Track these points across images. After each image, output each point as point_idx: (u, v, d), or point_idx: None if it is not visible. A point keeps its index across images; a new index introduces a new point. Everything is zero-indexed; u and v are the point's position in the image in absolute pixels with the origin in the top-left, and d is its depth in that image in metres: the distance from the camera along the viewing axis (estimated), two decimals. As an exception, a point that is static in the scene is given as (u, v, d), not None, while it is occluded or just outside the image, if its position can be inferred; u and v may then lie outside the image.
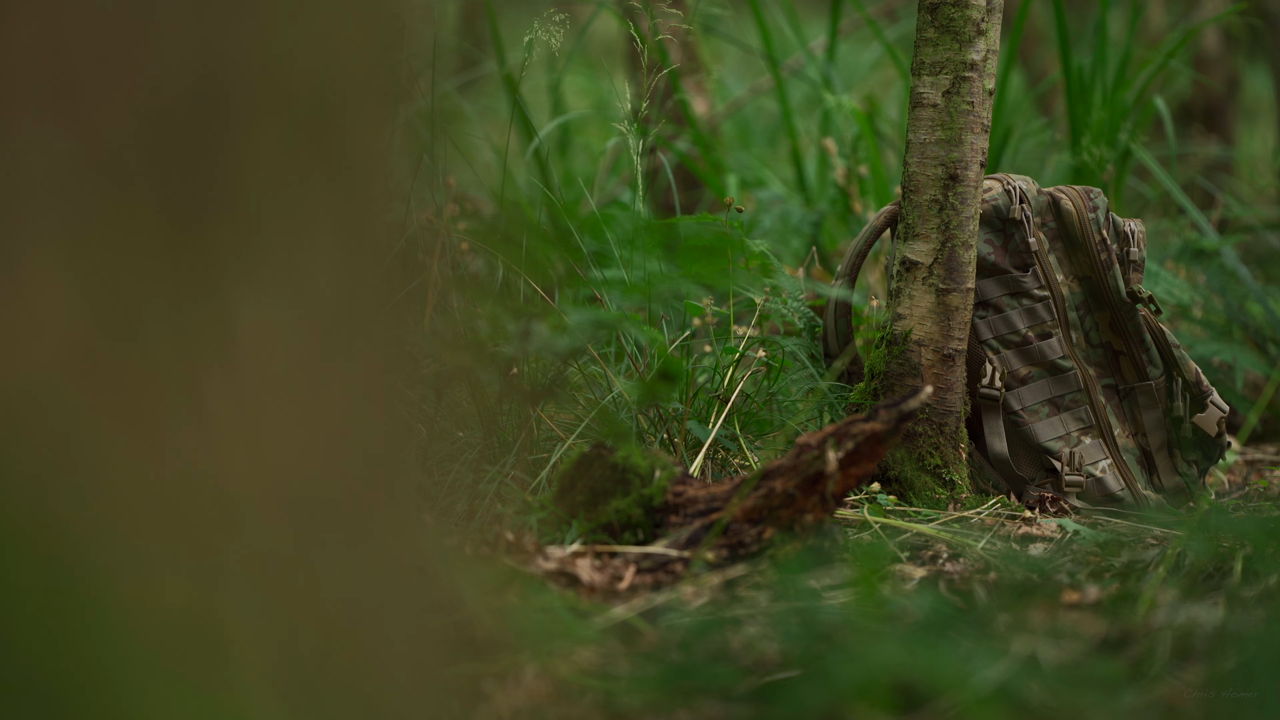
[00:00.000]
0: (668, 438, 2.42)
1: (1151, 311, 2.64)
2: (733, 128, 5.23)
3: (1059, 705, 1.37)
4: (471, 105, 4.36)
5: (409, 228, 2.20)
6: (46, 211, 0.91)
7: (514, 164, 4.11)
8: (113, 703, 0.90)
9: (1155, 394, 2.65)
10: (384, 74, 1.03)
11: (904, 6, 5.13)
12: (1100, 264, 2.60)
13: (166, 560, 0.92)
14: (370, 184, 1.02)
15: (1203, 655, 1.54)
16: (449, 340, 2.20)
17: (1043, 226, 2.60)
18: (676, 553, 1.87)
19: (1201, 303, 3.55)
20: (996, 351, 2.58)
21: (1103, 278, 2.61)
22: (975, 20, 2.44)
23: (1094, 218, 2.60)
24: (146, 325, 0.92)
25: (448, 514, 2.12)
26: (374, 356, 1.03)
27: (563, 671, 1.49)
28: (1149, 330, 2.64)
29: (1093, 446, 2.60)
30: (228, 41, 0.95)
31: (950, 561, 2.10)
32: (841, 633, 1.50)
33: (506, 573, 1.74)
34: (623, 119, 2.68)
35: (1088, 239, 2.60)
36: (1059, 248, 2.61)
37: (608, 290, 2.46)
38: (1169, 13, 5.36)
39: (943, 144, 2.47)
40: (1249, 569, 1.86)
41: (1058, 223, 2.61)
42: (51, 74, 0.91)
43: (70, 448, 0.91)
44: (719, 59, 6.34)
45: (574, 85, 6.03)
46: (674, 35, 4.33)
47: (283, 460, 0.96)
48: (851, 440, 1.89)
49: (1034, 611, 1.65)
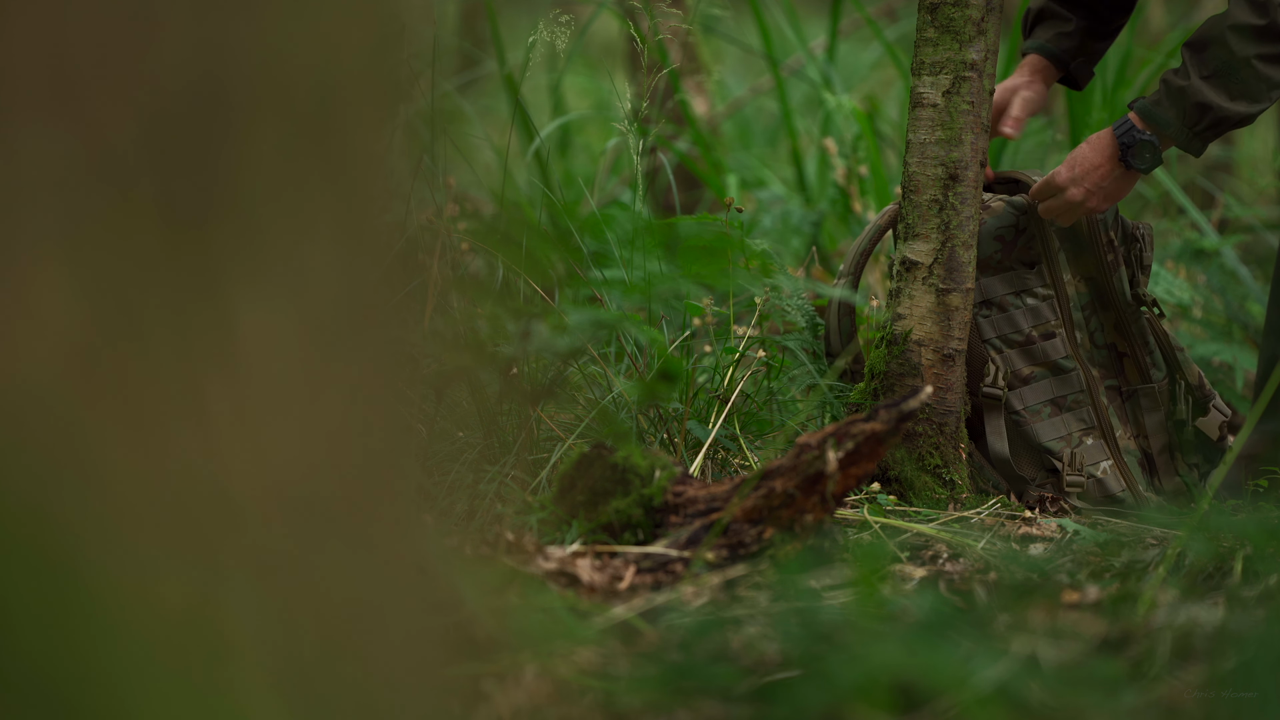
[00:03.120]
0: (668, 438, 2.42)
1: (1156, 314, 2.64)
2: (733, 128, 5.24)
3: (1059, 705, 1.37)
4: (471, 105, 4.36)
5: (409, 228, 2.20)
6: (47, 212, 0.91)
7: (514, 164, 4.11)
8: (113, 703, 0.90)
9: (1158, 397, 2.65)
10: (384, 74, 1.03)
11: (904, 6, 5.13)
12: (1106, 265, 2.60)
13: (167, 560, 0.92)
14: (370, 184, 1.02)
15: (1203, 655, 1.54)
16: (449, 340, 2.20)
17: (1052, 224, 2.60)
18: (676, 553, 1.87)
19: (1201, 303, 3.56)
20: (999, 351, 2.58)
21: (1108, 279, 2.61)
22: (975, 20, 2.45)
23: (1102, 218, 2.60)
24: (147, 326, 0.92)
25: (448, 514, 2.12)
26: (374, 357, 1.03)
27: (563, 671, 1.49)
28: (1153, 333, 2.64)
29: (1094, 447, 2.60)
30: (228, 41, 0.95)
31: (950, 561, 2.10)
32: (841, 633, 1.50)
33: (506, 573, 1.74)
34: (623, 119, 2.68)
35: (1095, 239, 2.60)
36: (1067, 247, 2.61)
37: (608, 290, 2.46)
38: (1169, 13, 5.36)
39: (943, 144, 2.47)
40: (1249, 569, 1.86)
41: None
42: (51, 74, 0.91)
43: (71, 448, 0.91)
44: (719, 59, 6.34)
45: (574, 85, 6.03)
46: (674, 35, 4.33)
47: (283, 460, 0.96)
48: (851, 440, 1.89)
49: (1034, 611, 1.66)
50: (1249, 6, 2.45)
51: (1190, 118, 2.47)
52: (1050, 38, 2.68)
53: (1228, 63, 2.45)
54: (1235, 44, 2.45)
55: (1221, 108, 2.46)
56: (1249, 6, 2.45)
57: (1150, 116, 2.50)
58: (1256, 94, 2.45)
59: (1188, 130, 2.48)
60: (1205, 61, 2.46)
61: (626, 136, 2.64)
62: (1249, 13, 2.45)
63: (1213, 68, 2.45)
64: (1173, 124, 2.48)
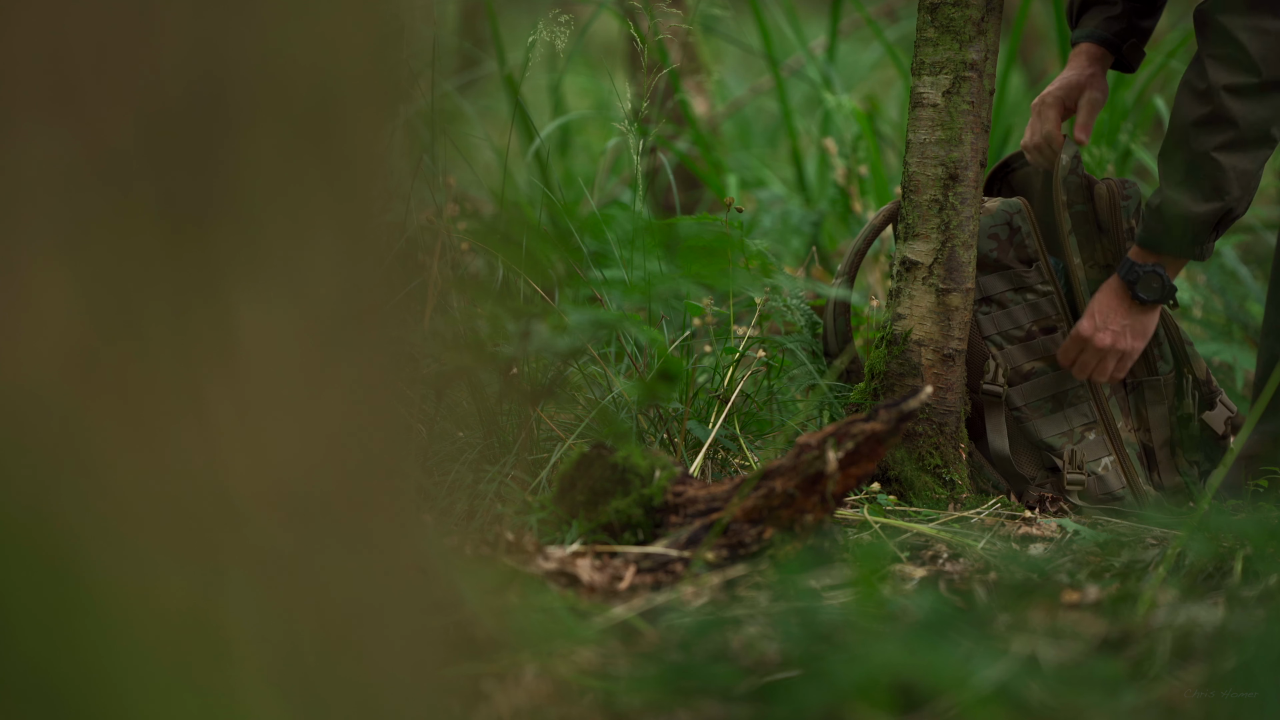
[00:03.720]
0: (668, 438, 2.42)
1: (1169, 307, 2.64)
2: (733, 128, 5.24)
3: (1059, 705, 1.37)
4: (471, 105, 4.36)
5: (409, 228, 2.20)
6: (47, 212, 0.91)
7: (514, 164, 4.11)
8: (114, 703, 0.90)
9: (1163, 389, 2.65)
10: (384, 74, 1.03)
11: (904, 6, 5.13)
12: (1124, 251, 2.60)
13: (167, 560, 0.92)
14: (370, 184, 1.02)
15: (1203, 655, 1.54)
16: (449, 340, 2.20)
17: (1070, 208, 2.60)
18: (676, 553, 1.87)
19: (1201, 303, 3.56)
20: (1000, 347, 2.58)
21: None
22: (975, 20, 2.45)
23: (1125, 205, 2.60)
24: (147, 326, 0.92)
25: (448, 514, 2.12)
26: (374, 357, 1.03)
27: (563, 671, 1.49)
28: (1163, 324, 2.64)
29: (1095, 443, 2.60)
30: (228, 41, 0.95)
31: (950, 561, 2.10)
32: (841, 633, 1.50)
33: (506, 573, 1.74)
34: (623, 119, 2.68)
35: (1116, 225, 2.59)
36: (1081, 231, 2.61)
37: (608, 290, 2.46)
38: (1169, 13, 5.36)
39: (943, 144, 2.47)
40: (1249, 569, 1.86)
41: (1089, 205, 2.61)
42: (51, 74, 0.91)
43: (71, 448, 0.91)
44: (719, 59, 6.33)
45: (574, 85, 6.03)
46: (674, 35, 4.33)
47: (283, 460, 0.96)
48: (851, 440, 1.89)
49: (1034, 611, 1.66)
50: (1192, 97, 2.39)
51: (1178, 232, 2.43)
52: (1099, 23, 2.65)
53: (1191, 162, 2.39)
54: (1193, 141, 2.39)
55: (1194, 214, 2.41)
56: (1192, 97, 2.39)
57: (1147, 244, 2.47)
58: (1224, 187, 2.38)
59: (1181, 244, 2.45)
60: (1174, 167, 2.41)
61: (626, 136, 2.64)
62: (1194, 104, 2.39)
63: (1182, 172, 2.40)
64: (1165, 244, 2.45)
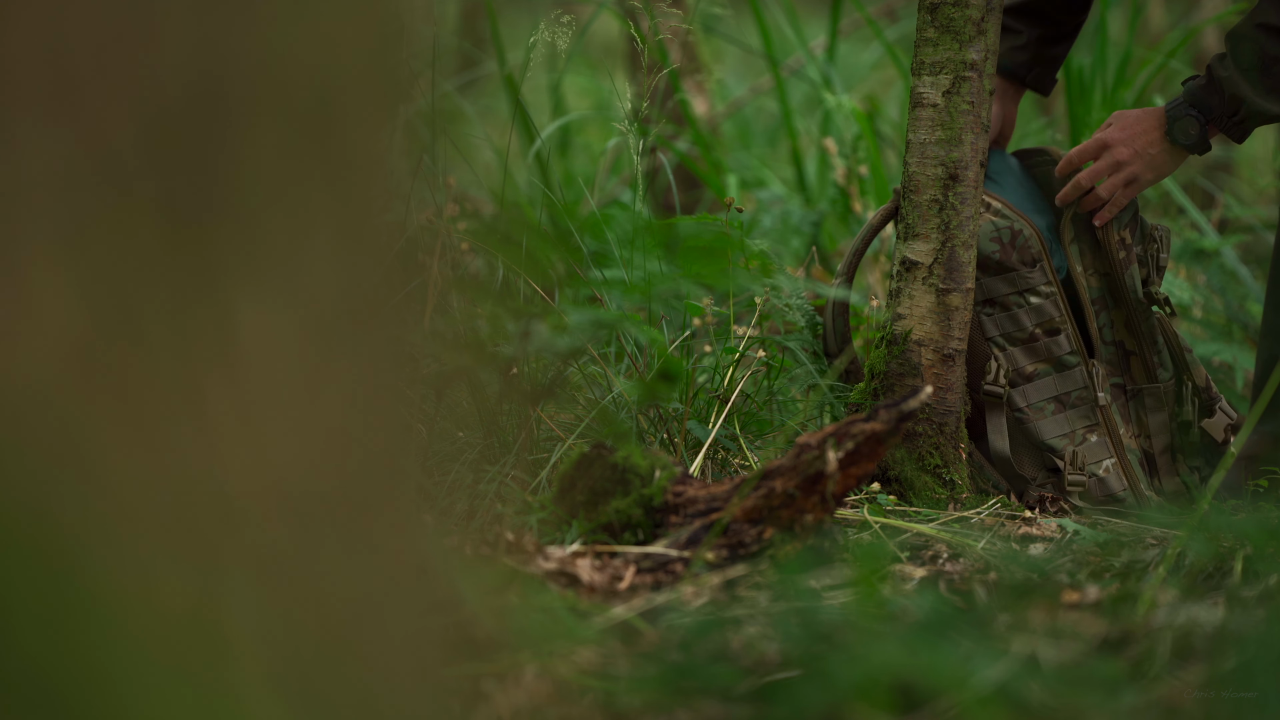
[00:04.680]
0: (668, 438, 2.42)
1: (1166, 314, 2.64)
2: (733, 128, 5.24)
3: (1059, 705, 1.37)
4: (471, 105, 4.36)
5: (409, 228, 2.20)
6: (47, 212, 0.91)
7: (514, 164, 4.11)
8: (113, 702, 0.90)
9: (1163, 396, 2.65)
10: (384, 74, 1.03)
11: (904, 6, 5.13)
12: (1118, 261, 2.60)
13: (167, 560, 0.92)
14: (370, 184, 1.02)
15: (1203, 655, 1.54)
16: (449, 340, 2.20)
17: (1074, 216, 2.61)
18: (676, 553, 1.87)
19: (1201, 303, 3.56)
20: (1003, 349, 2.58)
21: (1120, 275, 2.61)
22: (975, 20, 2.45)
23: (1115, 218, 2.60)
24: (147, 326, 0.92)
25: (448, 514, 2.12)
26: (374, 357, 1.03)
27: (563, 671, 1.49)
28: (1162, 332, 2.64)
29: (1097, 445, 2.60)
30: (228, 41, 0.95)
31: (950, 561, 2.10)
32: (841, 633, 1.50)
33: (506, 573, 1.74)
34: (623, 119, 2.68)
35: (1108, 237, 2.60)
36: (1083, 241, 2.61)
37: (608, 290, 2.46)
38: (1169, 13, 5.36)
39: (943, 144, 2.47)
40: (1249, 569, 1.86)
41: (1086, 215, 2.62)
42: (51, 74, 0.91)
43: (71, 448, 0.91)
44: (719, 59, 6.33)
45: (574, 85, 6.03)
46: (674, 35, 4.33)
47: (283, 460, 0.96)
48: (851, 440, 1.89)
49: (1034, 611, 1.66)
50: (1274, 7, 2.46)
51: (1229, 106, 2.50)
52: (1004, 53, 2.69)
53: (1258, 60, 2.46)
54: (1264, 43, 2.46)
55: (1254, 102, 2.49)
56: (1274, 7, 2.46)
57: (1195, 99, 2.52)
58: None
59: (1226, 118, 2.51)
60: (1240, 54, 2.47)
61: (626, 136, 2.64)
62: (1273, 13, 2.46)
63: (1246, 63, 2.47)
64: (1214, 109, 2.51)
